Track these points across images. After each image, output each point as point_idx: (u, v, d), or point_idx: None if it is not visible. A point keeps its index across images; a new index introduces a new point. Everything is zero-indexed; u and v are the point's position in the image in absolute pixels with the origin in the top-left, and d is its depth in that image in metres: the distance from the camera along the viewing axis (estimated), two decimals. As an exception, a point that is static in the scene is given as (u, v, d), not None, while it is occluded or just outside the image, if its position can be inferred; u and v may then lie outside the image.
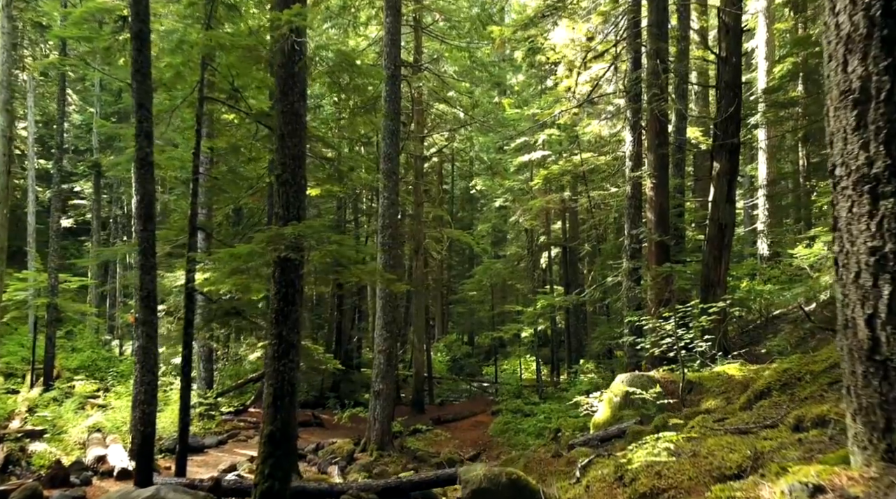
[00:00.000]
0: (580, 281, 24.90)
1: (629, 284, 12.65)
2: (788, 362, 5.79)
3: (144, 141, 8.08)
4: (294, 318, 6.87)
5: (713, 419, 5.10)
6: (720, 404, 7.17)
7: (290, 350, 6.81)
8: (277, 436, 6.61)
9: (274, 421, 6.63)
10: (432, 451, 15.05)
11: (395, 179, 14.24)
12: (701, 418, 5.32)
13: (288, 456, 6.69)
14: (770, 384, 5.57)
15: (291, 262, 6.76)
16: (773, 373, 5.74)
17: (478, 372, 30.63)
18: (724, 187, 11.89)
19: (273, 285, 6.87)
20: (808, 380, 5.24)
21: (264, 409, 6.75)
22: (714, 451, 3.45)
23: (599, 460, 4.64)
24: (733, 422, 4.66)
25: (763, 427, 4.12)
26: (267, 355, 6.95)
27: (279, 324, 6.80)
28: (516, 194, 25.08)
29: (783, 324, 14.81)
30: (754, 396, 5.66)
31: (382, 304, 14.07)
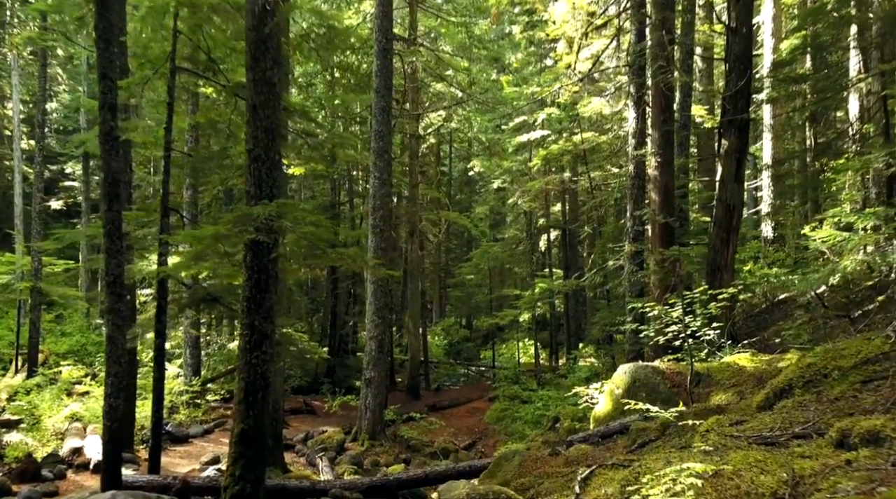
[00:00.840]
0: (580, 264, 24.32)
1: (631, 269, 12.06)
2: (812, 356, 5.21)
3: (108, 114, 7.44)
4: (268, 306, 6.29)
5: (729, 422, 4.53)
6: (732, 398, 6.62)
7: (264, 341, 6.24)
8: (250, 435, 6.05)
9: (246, 418, 6.07)
10: (426, 440, 14.57)
11: (386, 158, 13.60)
12: (715, 419, 4.75)
13: (261, 456, 6.14)
14: (791, 381, 4.99)
15: (264, 245, 6.16)
16: (794, 368, 5.16)
17: (476, 356, 30.16)
18: (732, 166, 11.25)
19: (244, 271, 6.28)
20: (836, 377, 4.66)
21: (235, 405, 6.20)
22: (740, 470, 2.89)
23: (602, 472, 4.08)
24: (754, 427, 4.09)
25: (793, 437, 3.55)
26: (239, 347, 6.38)
27: (251, 313, 6.22)
28: (515, 176, 24.41)
29: (791, 309, 14.28)
30: (773, 393, 5.08)
31: (374, 289, 13.50)
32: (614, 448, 6.62)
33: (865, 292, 10.22)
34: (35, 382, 16.15)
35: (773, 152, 21.34)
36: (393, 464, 12.40)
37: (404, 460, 12.83)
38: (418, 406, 18.63)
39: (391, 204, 17.99)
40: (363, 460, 12.37)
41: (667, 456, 3.70)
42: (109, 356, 7.34)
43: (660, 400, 7.47)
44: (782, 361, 7.38)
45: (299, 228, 5.90)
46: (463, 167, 37.11)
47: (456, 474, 7.52)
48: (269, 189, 6.32)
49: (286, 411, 16.80)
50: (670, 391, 7.56)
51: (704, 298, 7.67)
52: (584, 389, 9.66)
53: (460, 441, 15.18)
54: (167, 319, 8.30)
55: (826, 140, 21.45)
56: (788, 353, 7.67)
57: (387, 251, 13.73)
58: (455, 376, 27.24)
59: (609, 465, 4.13)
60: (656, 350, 9.99)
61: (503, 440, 15.25)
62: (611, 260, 13.16)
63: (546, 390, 18.05)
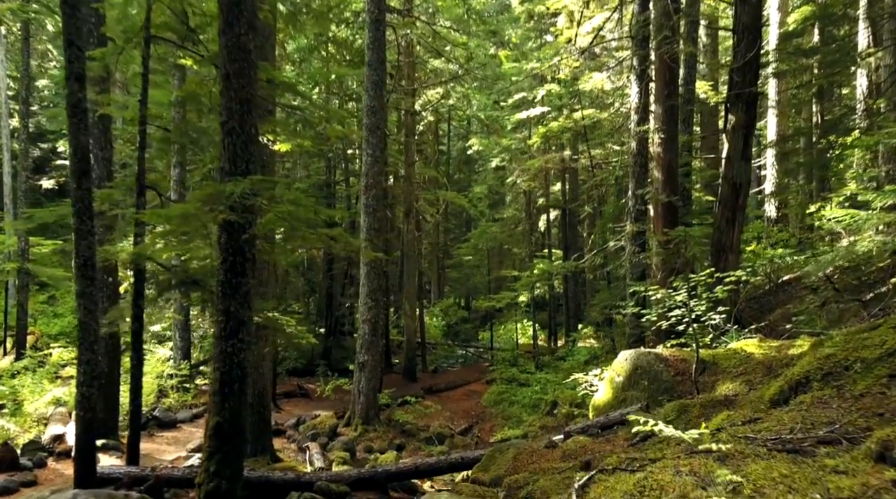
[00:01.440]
0: (580, 245, 23.89)
1: (633, 250, 11.63)
2: (830, 345, 4.79)
3: (76, 85, 6.94)
4: (244, 291, 5.86)
5: (742, 419, 4.13)
6: (740, 388, 6.22)
7: (240, 329, 5.83)
8: (225, 428, 5.66)
9: (221, 411, 5.68)
10: (421, 424, 14.26)
11: (379, 134, 13.09)
12: (726, 416, 4.34)
13: (238, 451, 5.77)
14: (809, 373, 4.58)
15: (239, 226, 5.72)
16: (810, 358, 4.74)
17: (473, 337, 29.86)
18: (739, 142, 10.77)
19: (219, 253, 5.84)
20: (858, 370, 4.25)
21: (210, 397, 5.80)
22: (763, 487, 2.49)
23: (602, 478, 3.68)
24: (772, 428, 3.68)
25: (818, 442, 3.15)
26: (213, 335, 5.97)
27: (226, 298, 5.79)
28: (513, 154, 23.86)
29: (796, 290, 13.87)
30: (788, 387, 4.68)
31: (367, 270, 13.08)
32: (615, 441, 6.24)
33: (877, 274, 9.80)
34: (22, 364, 15.80)
35: (778, 129, 20.80)
36: (387, 450, 12.09)
37: (398, 446, 12.52)
38: (414, 389, 18.33)
39: (385, 183, 17.51)
40: (356, 447, 12.05)
41: (675, 463, 3.29)
42: (82, 343, 6.92)
43: (662, 389, 7.09)
44: (792, 347, 6.98)
45: (275, 207, 5.44)
46: (462, 146, 36.51)
47: (448, 465, 7.17)
48: (245, 165, 5.86)
49: (279, 395, 16.51)
50: (673, 380, 7.17)
51: (711, 280, 7.24)
52: (583, 375, 9.28)
53: (456, 426, 14.88)
54: (144, 303, 7.88)
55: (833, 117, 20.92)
56: (799, 339, 7.26)
57: (380, 232, 13.29)
58: (453, 357, 26.94)
59: (610, 470, 3.73)
60: (658, 335, 9.60)
61: (500, 425, 14.95)
62: (611, 241, 12.72)
63: (544, 372, 17.73)
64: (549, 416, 13.60)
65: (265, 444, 10.22)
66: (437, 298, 36.73)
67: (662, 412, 6.09)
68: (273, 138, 9.50)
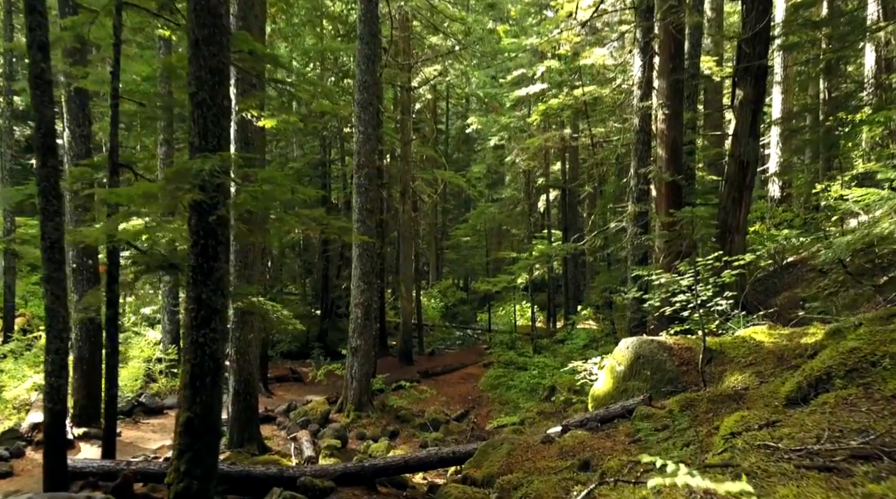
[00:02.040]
0: (580, 225, 23.43)
1: (634, 231, 11.17)
2: (854, 338, 4.38)
3: (38, 54, 6.45)
4: (217, 276, 5.42)
5: (759, 422, 3.71)
6: (750, 381, 5.81)
7: (213, 317, 5.40)
8: (196, 424, 5.26)
9: (192, 405, 5.27)
10: (416, 409, 13.92)
11: (371, 110, 12.58)
12: (740, 417, 3.92)
13: (211, 449, 5.37)
14: (830, 369, 4.16)
15: (209, 206, 5.27)
16: (832, 352, 4.32)
17: (472, 319, 29.52)
18: (747, 118, 10.28)
19: (189, 236, 5.40)
20: (887, 366, 3.83)
21: (180, 390, 5.39)
22: (796, 520, 2.10)
23: (604, 493, 3.27)
24: (795, 434, 3.26)
25: (853, 457, 2.73)
26: (184, 324, 5.55)
27: (197, 284, 5.36)
28: (512, 132, 23.30)
29: (801, 272, 13.43)
30: (807, 383, 4.26)
31: (359, 253, 12.64)
32: (615, 436, 5.85)
33: (891, 257, 9.36)
34: (9, 348, 15.42)
35: (783, 107, 20.25)
36: (380, 437, 11.76)
37: (392, 433, 12.19)
38: (410, 372, 17.99)
39: (379, 162, 17.02)
40: (347, 434, 11.70)
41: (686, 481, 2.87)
42: (50, 332, 6.52)
43: (666, 380, 6.69)
44: (805, 336, 6.57)
45: (245, 186, 4.99)
46: (461, 125, 35.87)
47: (438, 460, 6.80)
48: (217, 140, 5.39)
49: (271, 379, 16.18)
50: (678, 370, 6.77)
51: (719, 264, 6.80)
52: (582, 363, 8.89)
53: (452, 411, 14.54)
54: (119, 288, 7.45)
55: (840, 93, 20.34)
56: (811, 326, 6.84)
57: (373, 212, 12.83)
58: (450, 339, 26.62)
59: (611, 482, 3.31)
60: (661, 321, 9.18)
61: (497, 410, 14.62)
62: (612, 222, 12.26)
63: (543, 355, 17.38)
64: (547, 402, 13.25)
65: (252, 433, 9.88)
66: (436, 279, 36.34)
67: (669, 405, 5.69)
68: (257, 114, 9.01)
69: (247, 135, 9.64)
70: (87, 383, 10.50)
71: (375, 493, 6.86)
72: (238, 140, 9.61)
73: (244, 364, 9.75)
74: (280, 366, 18.71)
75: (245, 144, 9.65)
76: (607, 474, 4.15)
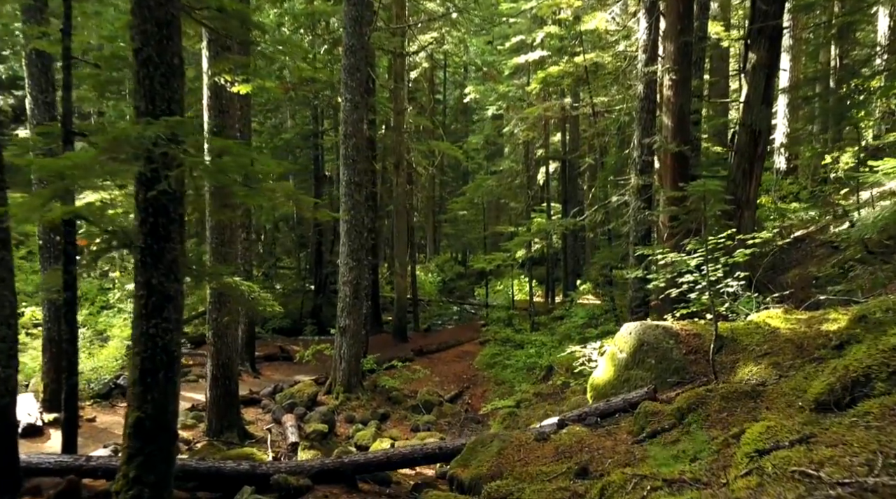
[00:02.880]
0: (580, 198, 22.75)
1: (637, 205, 10.53)
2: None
3: (-27, 8, 5.76)
4: (170, 259, 4.81)
5: (789, 436, 3.13)
6: (767, 373, 5.23)
7: (166, 305, 4.80)
8: (148, 425, 4.69)
9: (143, 404, 4.70)
10: (408, 390, 13.44)
11: (359, 77, 11.82)
12: (764, 429, 3.34)
13: (165, 453, 4.81)
14: (870, 370, 3.58)
15: (160, 180, 4.63)
16: (871, 350, 3.73)
17: (469, 294, 28.99)
18: (760, 83, 9.57)
19: (137, 214, 4.78)
20: (942, 370, 3.23)
21: (130, 387, 4.82)
22: None
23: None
24: (838, 458, 2.68)
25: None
26: (133, 312, 4.95)
27: (147, 268, 4.75)
28: (511, 101, 22.48)
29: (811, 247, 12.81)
30: (841, 385, 3.67)
31: (347, 228, 12.02)
32: (616, 434, 5.30)
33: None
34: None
35: (792, 75, 19.44)
36: (370, 420, 11.27)
37: (382, 415, 11.71)
38: (404, 350, 17.50)
39: (370, 132, 16.29)
40: (335, 418, 11.20)
41: None
42: (-4, 317, 5.93)
43: (672, 370, 6.12)
44: (825, 322, 5.98)
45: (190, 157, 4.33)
46: (459, 95, 34.95)
47: (423, 456, 6.26)
48: (167, 104, 4.72)
49: (259, 358, 15.68)
50: (685, 359, 6.20)
51: (730, 243, 6.18)
52: (581, 349, 8.33)
53: (446, 391, 14.06)
54: (76, 268, 6.84)
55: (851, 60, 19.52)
56: (831, 310, 6.25)
57: (361, 185, 12.15)
58: (447, 314, 26.12)
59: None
60: (665, 302, 8.60)
61: (492, 390, 14.14)
62: (614, 195, 11.60)
63: (540, 332, 16.87)
64: (544, 382, 12.75)
65: (232, 419, 9.37)
66: (433, 253, 35.75)
67: (676, 402, 5.12)
68: (231, 79, 8.31)
69: (221, 102, 8.94)
70: (57, 365, 9.95)
71: (356, 491, 6.34)
72: (212, 108, 8.92)
73: (222, 347, 9.19)
74: (270, 344, 18.21)
75: (220, 113, 8.95)
76: (608, 489, 3.59)
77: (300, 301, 24.11)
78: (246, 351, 14.51)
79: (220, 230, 9.01)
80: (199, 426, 9.59)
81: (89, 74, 6.90)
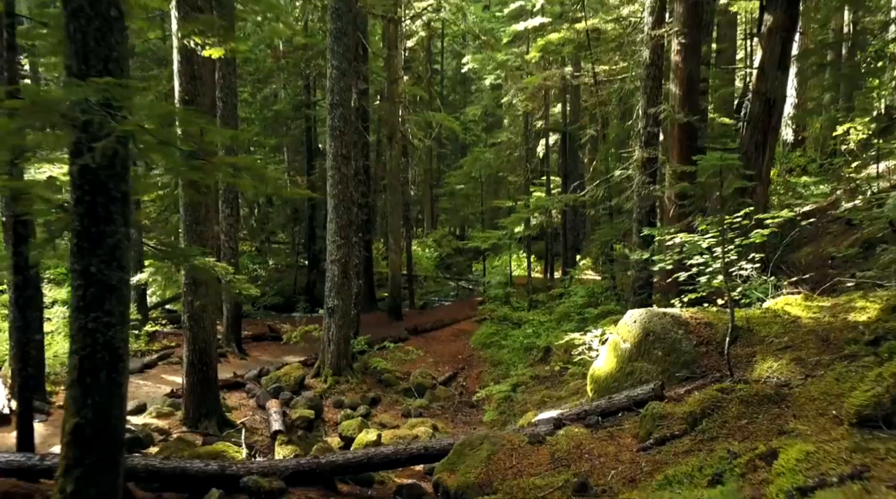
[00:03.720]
0: (580, 171, 22.04)
1: (642, 180, 9.85)
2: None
3: None
4: (111, 244, 4.19)
5: (836, 470, 2.55)
6: (790, 371, 4.66)
7: (107, 296, 4.19)
8: (88, 433, 4.12)
9: (82, 409, 4.12)
10: (401, 372, 12.93)
11: (346, 41, 11.07)
12: (803, 455, 2.77)
13: (111, 463, 4.25)
14: (927, 381, 2.98)
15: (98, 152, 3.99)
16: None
17: (467, 270, 28.41)
18: (776, 48, 8.85)
19: (72, 191, 4.15)
20: None
21: (67, 389, 4.23)
22: None
23: None
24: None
25: None
26: (70, 305, 4.34)
27: (84, 254, 4.13)
28: (509, 70, 21.63)
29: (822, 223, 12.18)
30: (890, 396, 3.09)
31: (335, 204, 11.38)
32: (620, 438, 4.75)
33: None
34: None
35: (801, 42, 18.57)
36: (359, 405, 10.78)
37: (373, 400, 11.22)
38: (398, 329, 16.98)
39: (360, 102, 15.55)
40: (323, 402, 10.73)
41: None
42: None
43: (681, 363, 5.55)
44: (852, 310, 5.39)
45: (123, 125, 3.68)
46: (457, 65, 33.97)
47: (408, 457, 5.72)
48: (103, 64, 4.06)
49: (247, 338, 15.15)
50: (696, 351, 5.62)
51: (747, 222, 5.56)
52: (580, 336, 7.75)
53: (440, 372, 13.57)
54: (28, 249, 6.23)
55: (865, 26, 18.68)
56: (857, 297, 5.65)
57: (349, 158, 11.47)
58: (444, 291, 25.59)
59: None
60: (669, 287, 7.99)
61: (488, 371, 13.64)
62: (617, 169, 10.94)
63: (539, 310, 16.33)
64: (542, 363, 12.24)
65: (210, 407, 8.84)
66: (431, 227, 35.07)
67: (688, 404, 4.55)
68: (201, 41, 7.60)
69: (192, 68, 8.23)
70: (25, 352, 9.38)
71: (334, 494, 5.83)
72: (183, 73, 8.23)
73: (198, 332, 8.62)
74: (260, 322, 17.69)
75: (191, 79, 8.25)
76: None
77: (293, 277, 23.57)
78: (232, 331, 13.98)
79: (194, 208, 8.38)
80: (177, 414, 9.07)
81: (38, 34, 6.20)
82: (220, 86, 13.07)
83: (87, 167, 4.06)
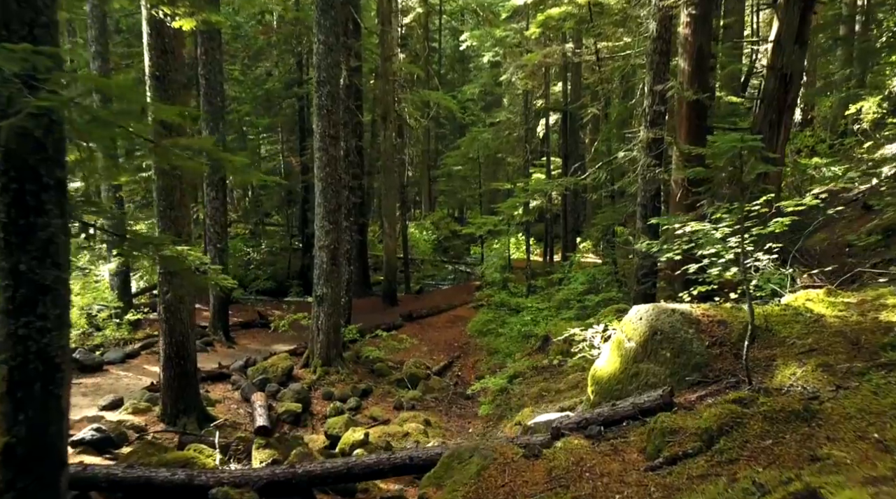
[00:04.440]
0: (581, 152, 21.40)
1: (647, 162, 9.27)
2: None
3: None
4: (44, 238, 3.66)
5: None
6: (817, 380, 4.14)
7: (40, 298, 3.68)
8: (20, 453, 3.63)
9: (14, 426, 3.63)
10: (394, 361, 12.46)
11: (334, 15, 10.43)
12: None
13: (49, 484, 3.76)
14: None
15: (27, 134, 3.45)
16: None
17: (465, 253, 27.87)
18: (794, 20, 8.23)
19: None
20: None
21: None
22: None
23: None
24: None
25: None
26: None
27: (12, 250, 3.61)
28: (508, 47, 20.92)
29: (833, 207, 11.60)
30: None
31: (322, 187, 10.83)
32: (625, 453, 4.24)
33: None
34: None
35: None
36: (350, 396, 10.32)
37: (363, 391, 10.75)
38: (393, 315, 16.51)
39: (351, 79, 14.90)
40: (312, 395, 10.27)
41: None
42: None
43: (692, 365, 5.04)
44: (883, 308, 4.87)
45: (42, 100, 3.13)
46: (455, 43, 33.14)
47: (391, 467, 5.24)
48: (28, 29, 3.50)
49: (235, 325, 14.67)
50: (708, 352, 5.10)
51: (765, 210, 5.02)
52: (580, 331, 7.23)
53: (435, 361, 13.11)
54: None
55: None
56: (887, 292, 5.12)
57: (337, 138, 10.88)
58: (441, 274, 25.09)
59: None
60: (676, 276, 7.46)
61: (484, 360, 13.18)
62: (620, 151, 10.35)
63: (538, 296, 15.84)
64: (541, 352, 11.75)
65: (190, 402, 8.37)
66: (429, 209, 34.46)
67: (700, 416, 4.04)
68: (170, 12, 6.98)
69: (163, 41, 7.62)
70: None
71: (312, 506, 5.35)
72: (153, 47, 7.62)
73: (175, 324, 8.12)
74: (250, 309, 17.20)
75: (162, 52, 7.64)
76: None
77: (287, 261, 23.03)
78: (219, 318, 13.48)
79: (168, 192, 7.83)
80: (154, 410, 8.60)
81: None
82: (202, 62, 12.45)
83: (11, 150, 3.51)
